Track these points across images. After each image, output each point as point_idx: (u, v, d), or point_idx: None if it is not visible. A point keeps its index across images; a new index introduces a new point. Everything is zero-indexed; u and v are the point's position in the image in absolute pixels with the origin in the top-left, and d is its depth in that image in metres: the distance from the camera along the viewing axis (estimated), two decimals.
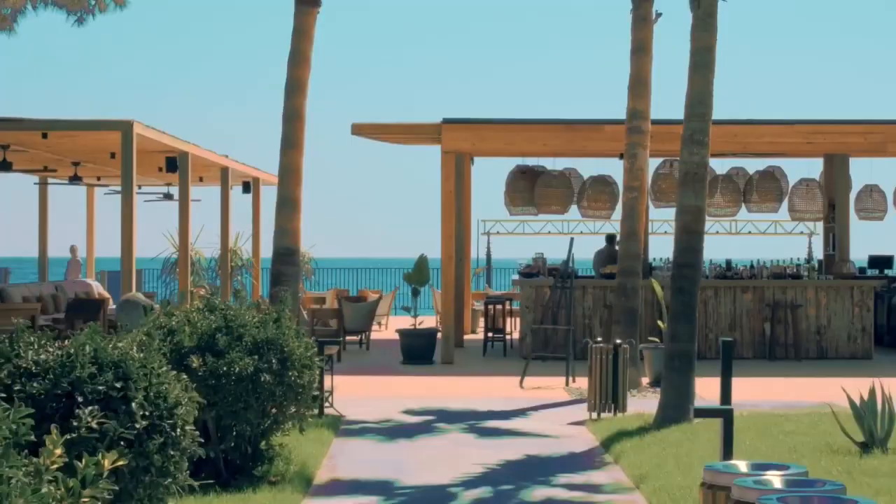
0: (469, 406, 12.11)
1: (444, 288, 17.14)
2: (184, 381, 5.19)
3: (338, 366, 16.19)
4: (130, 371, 4.90)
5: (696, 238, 10.74)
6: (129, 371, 4.90)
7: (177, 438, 4.90)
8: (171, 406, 4.96)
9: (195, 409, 5.11)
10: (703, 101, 10.83)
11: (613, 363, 11.13)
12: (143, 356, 5.01)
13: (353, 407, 11.84)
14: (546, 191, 18.72)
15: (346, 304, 18.72)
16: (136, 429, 4.76)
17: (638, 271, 13.57)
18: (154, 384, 4.96)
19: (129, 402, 4.81)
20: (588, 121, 17.24)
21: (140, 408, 4.83)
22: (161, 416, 4.90)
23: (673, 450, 8.93)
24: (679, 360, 10.54)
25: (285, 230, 13.34)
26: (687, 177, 10.79)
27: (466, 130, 17.22)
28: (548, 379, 14.51)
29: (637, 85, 13.73)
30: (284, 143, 13.38)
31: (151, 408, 4.89)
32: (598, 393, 11.14)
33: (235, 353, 7.72)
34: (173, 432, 4.90)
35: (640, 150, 13.67)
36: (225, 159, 20.79)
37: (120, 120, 15.45)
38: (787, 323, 17.33)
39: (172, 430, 4.90)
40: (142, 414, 4.83)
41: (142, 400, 4.86)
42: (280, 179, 13.41)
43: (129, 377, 4.89)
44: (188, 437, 4.99)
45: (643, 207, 13.73)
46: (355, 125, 17.38)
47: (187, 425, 5.01)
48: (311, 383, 8.12)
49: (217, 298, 8.21)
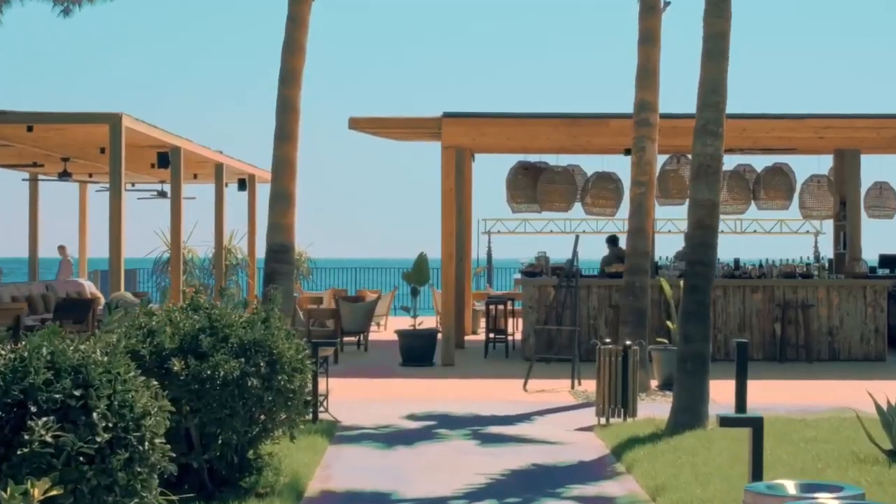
0: (471, 410, 11.56)
1: (445, 287, 16.59)
2: (153, 388, 4.63)
3: (335, 368, 15.66)
4: (92, 377, 4.35)
5: (709, 234, 10.19)
6: (91, 377, 4.35)
7: (144, 453, 4.35)
8: (139, 416, 4.41)
9: (166, 419, 4.55)
10: (717, 90, 10.29)
11: (623, 366, 10.58)
12: (107, 360, 4.46)
13: (349, 411, 11.29)
14: (549, 187, 18.17)
15: (343, 304, 18.17)
16: (97, 443, 4.21)
17: (646, 269, 13.02)
18: (119, 391, 4.41)
19: (90, 413, 4.27)
20: (592, 115, 16.69)
21: (102, 419, 4.28)
22: (126, 427, 4.35)
23: (689, 458, 8.38)
24: (692, 363, 9.99)
25: (279, 226, 12.78)
26: (700, 169, 10.24)
27: (467, 125, 16.66)
28: (552, 381, 13.96)
29: (644, 75, 13.18)
30: (278, 136, 12.82)
31: (115, 418, 4.34)
32: (607, 397, 10.59)
33: (220, 355, 7.17)
34: (140, 446, 4.35)
35: (648, 143, 13.13)
36: (219, 155, 20.25)
37: (108, 113, 14.91)
38: (797, 323, 16.78)
39: (139, 444, 4.35)
40: (104, 426, 4.28)
41: (104, 410, 4.31)
42: (273, 173, 12.85)
43: (91, 384, 4.34)
44: (158, 452, 4.44)
45: (651, 203, 13.18)
46: (352, 119, 16.83)
47: (157, 438, 4.46)
48: (302, 388, 7.56)
49: (202, 296, 7.65)
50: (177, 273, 17.62)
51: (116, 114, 14.81)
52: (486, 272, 29.20)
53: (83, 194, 24.21)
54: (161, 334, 7.21)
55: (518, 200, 18.72)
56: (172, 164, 17.58)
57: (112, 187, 14.96)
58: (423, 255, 17.01)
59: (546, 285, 16.91)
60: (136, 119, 15.45)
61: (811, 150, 18.85)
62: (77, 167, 20.58)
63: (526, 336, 16.93)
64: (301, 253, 26.70)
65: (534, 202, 18.75)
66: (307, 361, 7.63)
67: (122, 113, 14.86)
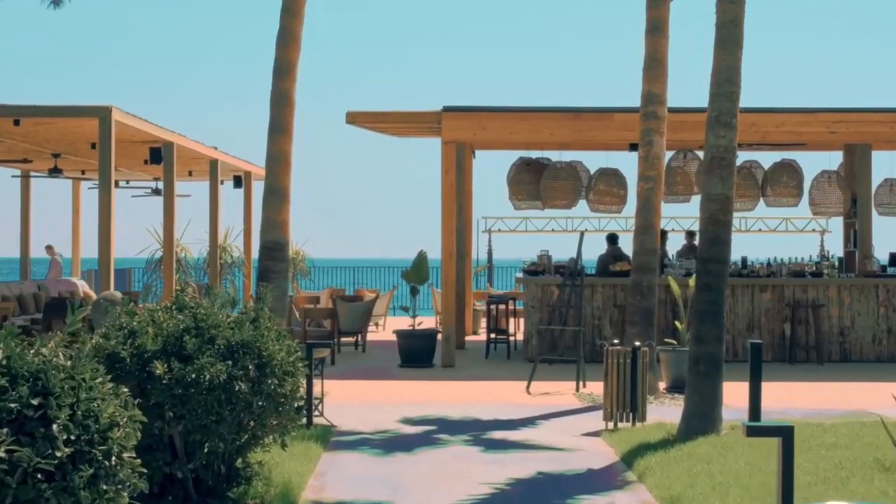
0: (472, 414, 11.10)
1: (445, 286, 16.13)
2: (123, 396, 4.16)
3: (331, 369, 15.20)
4: (52, 384, 3.88)
5: (723, 229, 9.72)
6: (51, 384, 3.88)
7: (111, 469, 3.88)
8: (105, 428, 3.94)
9: (137, 430, 4.08)
10: (731, 79, 9.82)
11: (632, 368, 10.11)
12: (70, 365, 3.99)
13: (345, 415, 10.82)
14: (552, 184, 17.69)
15: (340, 303, 17.71)
16: (57, 458, 3.74)
17: (654, 267, 12.56)
18: (83, 400, 3.94)
19: (50, 424, 3.80)
20: (597, 109, 16.23)
21: (63, 431, 3.81)
22: (91, 440, 3.88)
23: (704, 466, 7.92)
24: (705, 365, 9.52)
25: (273, 222, 12.32)
26: (713, 162, 9.77)
27: (467, 119, 16.20)
28: (556, 384, 13.50)
29: (652, 66, 12.72)
30: (272, 129, 12.36)
31: (79, 430, 3.87)
32: (615, 400, 10.12)
33: (206, 357, 6.70)
34: (107, 461, 3.88)
35: (656, 136, 12.66)
36: (214, 151, 19.77)
37: (97, 106, 14.43)
38: (808, 324, 16.32)
39: (105, 459, 3.88)
40: (66, 438, 3.81)
41: (66, 420, 3.84)
42: (267, 167, 12.39)
43: (51, 392, 3.87)
44: (126, 467, 3.97)
45: (659, 199, 12.71)
46: (350, 113, 16.36)
47: (125, 452, 3.98)
48: (294, 392, 7.09)
49: (188, 295, 7.18)
50: (169, 272, 17.14)
51: (106, 107, 14.34)
52: (487, 271, 28.72)
53: (76, 192, 23.73)
54: (143, 335, 6.75)
55: (520, 197, 18.25)
56: (165, 159, 17.10)
57: (101, 183, 14.48)
58: (423, 252, 16.54)
59: (549, 284, 16.45)
60: (127, 113, 14.97)
61: (821, 145, 18.39)
62: (69, 164, 20.10)
63: (528, 336, 16.48)
64: (298, 252, 26.24)
65: (536, 199, 18.28)
66: (299, 364, 7.16)
67: (112, 106, 14.39)
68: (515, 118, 16.13)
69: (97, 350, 6.75)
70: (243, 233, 22.44)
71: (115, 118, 14.47)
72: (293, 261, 26.17)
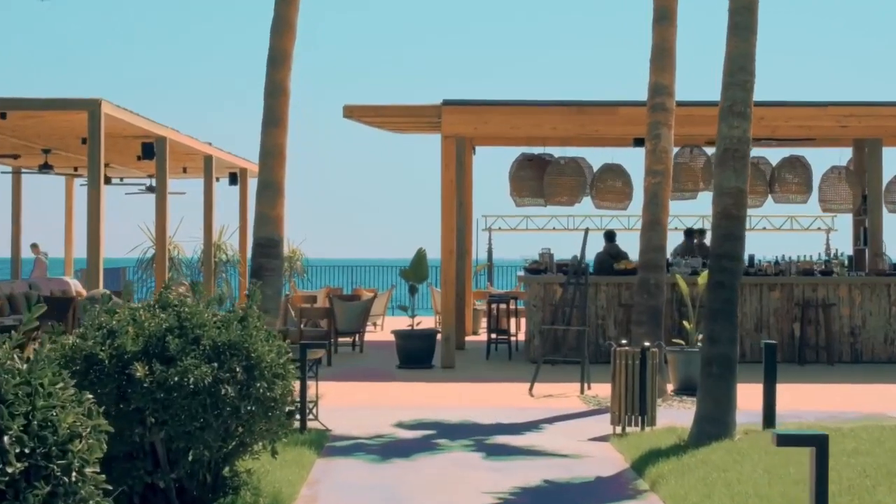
0: (473, 418, 10.65)
1: (445, 285, 15.68)
2: (87, 403, 3.71)
3: (328, 370, 14.75)
4: (4, 391, 3.43)
5: (737, 225, 9.28)
6: (3, 390, 3.43)
7: (71, 486, 3.44)
8: (64, 440, 3.50)
9: (102, 442, 3.63)
10: (745, 68, 9.38)
11: (640, 370, 9.66)
12: (26, 368, 3.54)
13: (341, 419, 10.38)
14: (556, 180, 17.24)
15: (337, 302, 17.27)
16: (8, 474, 3.30)
17: (662, 265, 12.11)
18: (40, 408, 3.50)
19: (0, 436, 3.35)
20: (601, 102, 15.78)
21: (16, 443, 3.36)
22: (48, 454, 3.44)
23: (720, 475, 7.47)
24: (718, 366, 9.07)
25: (267, 218, 11.87)
26: (726, 154, 9.33)
27: (468, 113, 15.75)
28: (560, 385, 13.06)
29: (660, 56, 12.27)
30: (266, 121, 11.90)
31: (34, 443, 3.42)
32: (624, 404, 9.68)
33: (190, 359, 6.25)
34: (66, 477, 3.43)
35: (663, 129, 12.21)
36: (209, 147, 19.33)
37: (86, 98, 13.99)
38: (818, 323, 15.89)
39: (65, 475, 3.43)
40: (19, 452, 3.36)
41: (19, 432, 3.39)
42: (261, 161, 11.94)
43: (3, 399, 3.43)
44: (89, 484, 3.52)
45: (667, 194, 12.26)
46: (347, 107, 15.91)
47: (88, 467, 3.54)
48: (284, 396, 6.64)
49: (173, 292, 6.74)
50: (162, 271, 16.69)
51: (95, 100, 13.90)
52: (487, 270, 28.26)
53: (69, 189, 23.28)
54: (122, 335, 6.30)
55: (522, 194, 17.80)
56: (158, 155, 16.66)
57: (90, 178, 14.04)
58: (422, 250, 16.10)
59: (552, 283, 16.01)
60: (117, 106, 14.53)
61: (831, 140, 17.95)
62: (60, 160, 19.66)
63: (530, 337, 16.04)
64: (295, 251, 25.83)
65: (539, 196, 17.84)
66: (290, 366, 6.71)
67: (102, 99, 13.95)
68: (517, 112, 15.69)
69: (73, 351, 6.31)
70: (239, 231, 22.00)
71: (105, 111, 14.03)
72: (290, 260, 25.75)
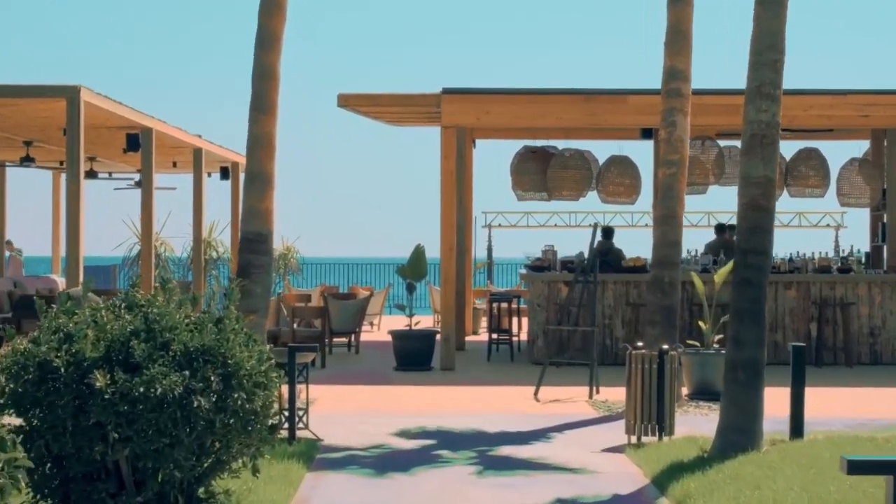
0: (477, 425, 9.88)
1: (445, 284, 14.91)
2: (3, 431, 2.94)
3: (321, 373, 14.00)
4: None
5: (765, 217, 8.52)
6: None
7: None
8: None
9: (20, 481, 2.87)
10: (775, 45, 8.62)
11: (658, 374, 8.90)
12: None
13: (334, 426, 9.62)
14: (561, 173, 16.46)
15: (332, 301, 16.49)
16: None
17: (677, 262, 11.35)
18: None
19: None
20: (609, 91, 15.01)
21: None
22: None
23: (754, 493, 6.71)
24: (745, 371, 8.31)
25: (255, 211, 11.10)
26: (753, 140, 8.57)
27: (469, 102, 14.97)
28: (566, 389, 12.30)
29: (676, 39, 11.51)
30: (255, 107, 11.14)
31: None
32: (640, 411, 8.91)
33: (158, 367, 5.49)
34: None
35: (679, 116, 11.45)
36: (198, 140, 18.53)
37: (64, 85, 13.21)
38: (835, 323, 15.13)
39: None
40: None
41: None
42: (249, 151, 11.17)
43: None
44: None
45: (682, 186, 11.49)
46: (342, 96, 15.13)
47: None
48: (266, 407, 5.89)
49: (139, 292, 5.97)
50: (148, 268, 15.91)
51: (73, 86, 13.12)
52: (487, 268, 27.48)
53: (56, 184, 22.49)
54: (80, 340, 5.53)
55: (524, 188, 17.03)
56: (143, 147, 15.88)
57: (69, 170, 13.26)
58: (421, 247, 15.34)
59: (556, 281, 15.25)
60: (98, 94, 13.75)
61: (849, 131, 17.17)
62: (42, 153, 18.88)
63: (534, 337, 15.28)
64: (290, 248, 25.06)
65: (542, 190, 17.07)
66: (273, 373, 5.94)
67: (80, 86, 13.17)
68: (521, 101, 14.90)
69: (26, 357, 5.55)
70: (231, 226, 21.21)
71: (85, 99, 13.25)
72: (284, 257, 24.99)
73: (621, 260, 15.56)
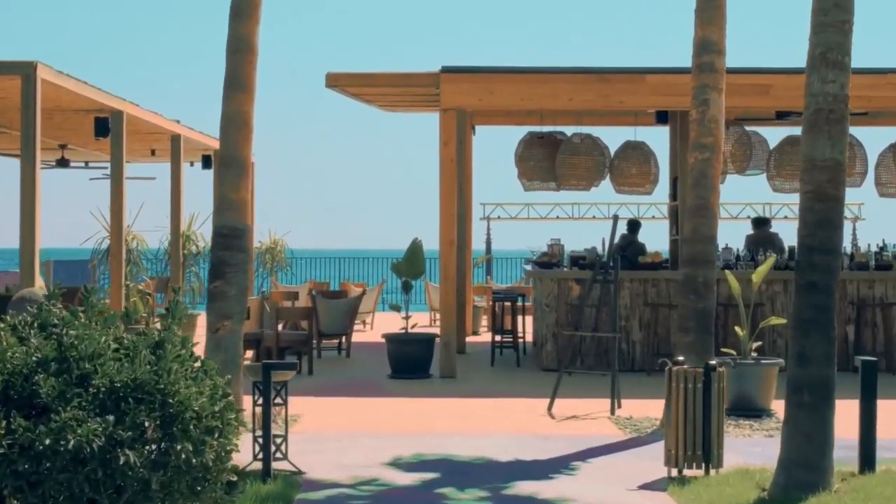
0: (485, 451, 8.47)
1: (444, 282, 13.48)
2: None
3: (308, 381, 12.60)
4: None
5: (834, 208, 7.13)
6: None
7: None
8: None
9: None
10: (841, 4, 7.22)
11: (704, 395, 7.50)
12: None
13: (318, 453, 8.22)
14: (571, 159, 15.01)
15: (320, 301, 15.07)
16: None
17: (712, 259, 9.92)
18: None
19: None
20: (626, 69, 13.58)
21: None
22: None
23: None
24: (812, 394, 6.92)
25: (229, 202, 9.70)
26: (818, 116, 7.17)
27: (471, 82, 13.52)
28: (583, 403, 10.92)
29: (708, 7, 10.08)
30: (229, 83, 9.72)
31: None
32: (682, 439, 7.51)
33: (73, 409, 4.08)
34: None
35: (713, 94, 10.02)
36: (176, 125, 17.09)
37: (18, 61, 11.77)
38: (875, 325, 13.75)
39: None
40: None
41: None
42: (223, 133, 9.76)
43: None
44: None
45: (718, 172, 10.06)
46: (331, 75, 13.66)
47: None
48: (222, 460, 4.47)
49: (54, 305, 4.55)
50: (118, 265, 14.46)
51: (29, 62, 11.69)
52: (486, 263, 26.02)
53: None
54: None
55: (531, 177, 15.60)
56: (113, 131, 14.43)
57: (24, 154, 11.83)
58: (418, 241, 13.92)
59: (567, 279, 13.85)
60: (59, 72, 12.31)
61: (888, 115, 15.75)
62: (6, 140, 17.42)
63: (542, 341, 13.88)
64: (277, 241, 23.62)
65: (550, 179, 15.64)
66: (231, 414, 4.53)
67: (37, 62, 11.73)
68: (529, 81, 13.45)
69: None
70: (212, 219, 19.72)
71: (42, 77, 11.81)
72: (271, 251, 23.54)
73: (638, 256, 14.17)
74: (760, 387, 10.38)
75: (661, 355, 13.92)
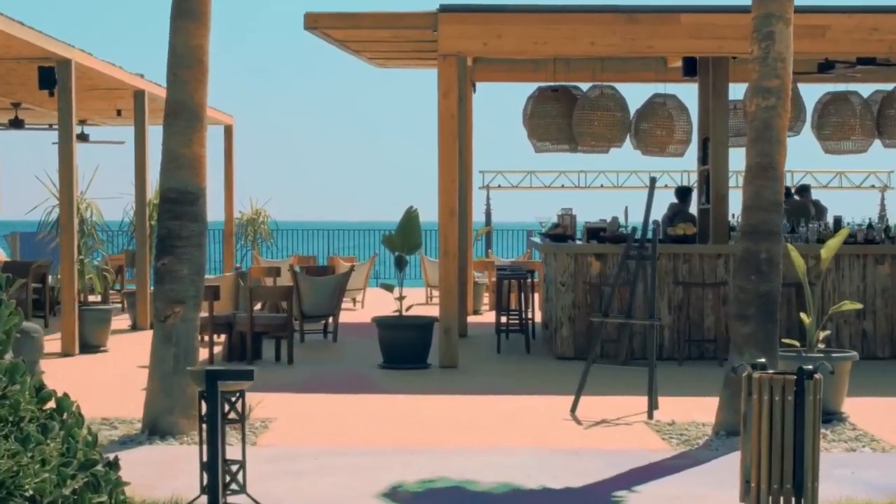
0: (504, 474, 6.61)
1: (445, 258, 11.59)
2: None
3: (288, 372, 10.77)
4: None
5: None
6: None
7: None
8: None
9: None
10: None
11: (795, 411, 5.64)
12: None
13: (289, 479, 6.38)
14: (589, 115, 13.06)
15: (303, 278, 13.22)
16: None
17: (777, 231, 8.04)
18: None
19: None
20: (658, 8, 11.65)
21: None
22: None
23: None
24: None
25: (179, 158, 7.86)
26: None
27: (475, 23, 11.58)
28: (610, 401, 9.12)
29: None
30: (177, 11, 7.84)
31: None
32: (767, 468, 5.66)
33: None
34: None
35: (779, 25, 8.12)
36: (139, 79, 15.14)
37: None
38: None
39: None
40: None
41: None
42: (170, 72, 7.89)
43: None
44: None
45: (785, 124, 8.18)
46: (310, 15, 11.66)
47: None
48: None
49: None
50: (70, 237, 12.55)
51: None
52: (486, 236, 24.07)
53: None
54: None
55: (543, 137, 13.69)
56: (60, 84, 12.49)
57: None
58: (414, 210, 12.05)
59: (585, 254, 12.00)
60: None
61: None
62: None
63: (556, 325, 12.04)
64: (259, 211, 21.72)
65: (563, 140, 13.73)
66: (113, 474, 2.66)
67: None
68: (544, 21, 11.49)
69: None
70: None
71: None
72: (253, 223, 21.64)
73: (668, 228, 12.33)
74: (830, 385, 8.54)
75: (693, 341, 12.15)
